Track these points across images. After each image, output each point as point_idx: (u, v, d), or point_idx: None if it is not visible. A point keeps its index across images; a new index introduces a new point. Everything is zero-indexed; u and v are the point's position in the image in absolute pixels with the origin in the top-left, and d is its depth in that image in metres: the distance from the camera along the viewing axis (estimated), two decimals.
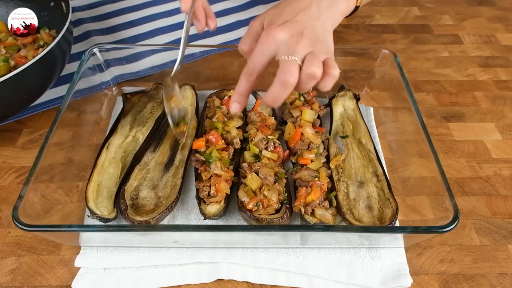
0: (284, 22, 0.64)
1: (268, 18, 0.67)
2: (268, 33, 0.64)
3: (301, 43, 0.62)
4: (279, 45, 0.63)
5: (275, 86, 0.61)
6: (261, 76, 0.66)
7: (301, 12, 0.66)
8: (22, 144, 0.86)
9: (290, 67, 0.61)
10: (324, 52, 0.63)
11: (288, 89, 0.61)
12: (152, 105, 0.89)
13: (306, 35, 0.63)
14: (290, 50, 0.62)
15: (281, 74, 0.61)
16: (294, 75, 0.61)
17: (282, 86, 0.61)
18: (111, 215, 0.69)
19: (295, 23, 0.64)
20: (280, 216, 0.68)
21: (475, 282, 0.67)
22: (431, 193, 0.73)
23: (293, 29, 0.64)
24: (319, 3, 0.68)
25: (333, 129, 0.85)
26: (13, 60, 0.88)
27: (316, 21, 0.66)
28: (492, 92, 0.98)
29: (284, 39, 0.63)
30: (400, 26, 1.17)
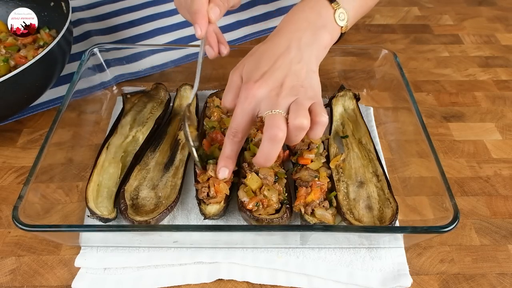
0: (262, 75, 0.62)
1: (245, 71, 0.64)
2: (246, 91, 0.61)
3: (281, 95, 0.60)
4: (259, 102, 0.61)
5: (265, 144, 0.60)
6: (246, 136, 0.64)
7: (279, 58, 0.63)
8: (22, 144, 0.86)
9: (276, 121, 0.59)
10: (309, 97, 0.61)
11: (279, 144, 0.59)
12: (152, 105, 0.89)
13: (287, 84, 0.61)
14: (272, 105, 0.60)
15: (268, 130, 0.59)
16: (282, 129, 0.58)
17: (272, 142, 0.59)
18: (111, 215, 0.69)
19: (273, 73, 0.62)
20: (280, 216, 0.68)
21: (475, 282, 0.67)
22: (431, 193, 0.73)
23: (272, 81, 0.61)
24: (298, 42, 0.65)
25: (333, 129, 0.85)
26: (13, 60, 0.88)
27: (297, 65, 0.63)
28: (492, 92, 0.98)
29: (264, 95, 0.61)
30: (400, 26, 1.17)
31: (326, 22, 0.68)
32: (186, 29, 1.09)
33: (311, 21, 0.68)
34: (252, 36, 1.10)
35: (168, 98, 0.90)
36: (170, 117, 0.87)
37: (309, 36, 0.66)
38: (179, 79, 0.95)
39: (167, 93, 0.91)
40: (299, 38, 0.65)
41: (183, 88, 0.91)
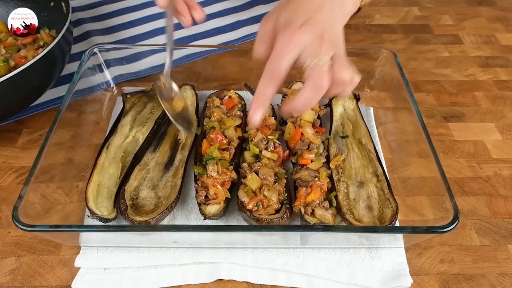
0: (304, 22, 0.61)
1: (283, 18, 0.63)
2: (290, 35, 0.61)
3: (324, 45, 0.60)
4: (302, 48, 0.60)
5: (308, 90, 0.60)
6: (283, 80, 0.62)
7: (315, 13, 0.63)
8: (22, 144, 0.86)
9: (322, 72, 0.59)
10: (343, 55, 0.62)
11: (321, 94, 0.60)
12: (152, 105, 0.89)
13: (327, 37, 0.61)
14: (316, 53, 0.60)
15: (314, 79, 0.59)
16: (327, 80, 0.59)
17: (316, 90, 0.60)
18: (111, 215, 0.69)
19: (313, 25, 0.62)
20: (280, 216, 0.68)
21: (475, 282, 0.67)
22: (431, 193, 0.73)
23: (313, 30, 0.61)
24: (331, 3, 0.65)
25: (333, 129, 0.85)
26: (13, 60, 0.88)
27: (332, 23, 0.63)
28: (492, 92, 0.98)
29: (307, 41, 0.60)
30: (400, 26, 1.17)
31: None
32: (186, 29, 1.09)
33: None
34: (252, 36, 1.10)
35: None
36: None
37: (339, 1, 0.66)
38: (179, 79, 0.95)
39: None
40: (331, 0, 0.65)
41: (183, 88, 0.91)
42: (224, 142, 0.77)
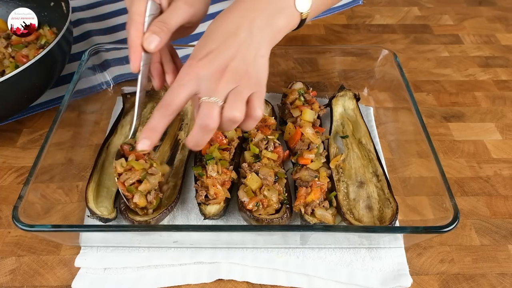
0: (208, 53, 0.59)
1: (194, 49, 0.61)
2: (189, 68, 0.59)
3: (223, 80, 0.58)
4: (199, 82, 0.59)
5: (196, 130, 0.59)
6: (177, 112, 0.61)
7: (229, 38, 0.60)
8: (22, 144, 0.86)
9: (210, 111, 0.58)
10: (251, 86, 0.59)
11: (209, 134, 0.59)
12: (152, 105, 0.89)
13: (231, 69, 0.59)
14: (211, 90, 0.58)
15: (201, 118, 0.58)
16: (214, 119, 0.58)
17: (203, 131, 0.59)
18: (111, 215, 0.69)
19: (220, 54, 0.59)
20: (280, 216, 0.68)
21: (475, 282, 0.67)
22: (431, 193, 0.73)
23: (216, 62, 0.59)
24: (251, 24, 0.61)
25: (333, 129, 0.85)
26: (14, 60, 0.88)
27: (246, 49, 0.60)
28: (492, 92, 0.98)
29: (205, 76, 0.59)
30: (400, 26, 1.17)
31: (284, 6, 0.63)
32: None
33: (267, 2, 0.63)
34: None
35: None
36: None
37: (263, 18, 0.61)
38: None
39: None
40: (252, 19, 0.61)
41: None
42: (224, 142, 0.77)
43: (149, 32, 0.66)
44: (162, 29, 0.66)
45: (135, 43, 0.66)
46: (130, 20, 0.66)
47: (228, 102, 0.58)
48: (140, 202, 0.67)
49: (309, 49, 1.04)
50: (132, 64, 0.67)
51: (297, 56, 0.98)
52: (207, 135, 0.60)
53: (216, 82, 0.59)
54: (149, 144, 0.63)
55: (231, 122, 0.59)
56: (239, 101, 0.59)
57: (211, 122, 0.58)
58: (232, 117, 0.58)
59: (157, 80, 0.72)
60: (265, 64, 0.62)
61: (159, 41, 0.66)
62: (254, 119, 0.61)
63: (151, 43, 0.65)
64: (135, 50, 0.66)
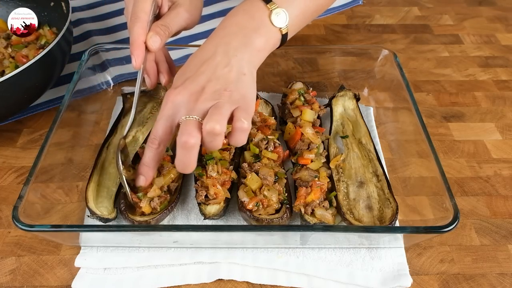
0: (184, 81, 0.60)
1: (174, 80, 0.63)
2: (166, 97, 0.60)
3: (200, 100, 0.58)
4: (177, 109, 0.59)
5: (178, 151, 0.59)
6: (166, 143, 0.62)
7: (204, 63, 0.61)
8: (22, 144, 0.86)
9: (187, 127, 0.57)
10: (232, 101, 0.59)
11: (192, 151, 0.58)
12: (152, 105, 0.89)
13: (208, 89, 0.59)
14: (189, 110, 0.59)
15: (180, 137, 0.58)
16: (193, 135, 0.57)
17: (184, 149, 0.58)
18: (111, 215, 0.69)
19: (195, 79, 0.60)
20: (280, 216, 0.68)
21: (475, 282, 0.67)
22: (431, 193, 0.73)
23: (192, 86, 0.59)
24: (226, 47, 0.62)
25: (333, 129, 0.85)
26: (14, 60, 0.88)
27: (223, 69, 0.60)
28: (492, 92, 0.98)
29: (182, 101, 0.59)
30: (400, 26, 1.17)
31: (259, 25, 0.65)
32: None
33: (242, 24, 0.64)
34: None
35: None
36: None
37: (238, 41, 0.63)
38: None
39: None
40: (227, 43, 0.62)
41: None
42: (224, 142, 0.77)
43: (153, 32, 0.68)
44: (164, 32, 0.69)
45: (139, 40, 0.67)
46: (135, 18, 0.68)
47: (207, 116, 0.58)
48: (146, 209, 0.68)
49: (309, 49, 1.04)
50: (135, 60, 0.68)
51: (297, 56, 0.98)
52: (190, 153, 0.59)
53: (193, 103, 0.59)
54: (145, 181, 0.66)
55: (211, 135, 0.57)
56: (218, 114, 0.57)
57: (190, 138, 0.57)
58: (211, 129, 0.57)
59: (152, 78, 0.75)
60: (249, 82, 0.62)
61: (160, 42, 0.69)
62: (240, 131, 0.59)
63: (155, 43, 0.68)
64: (138, 47, 0.68)
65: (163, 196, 0.70)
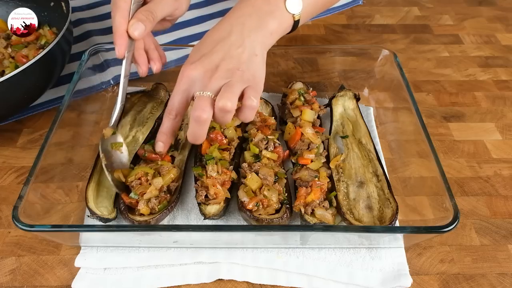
0: (200, 57, 0.63)
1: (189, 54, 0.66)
2: (182, 72, 0.63)
3: (214, 76, 0.61)
4: (193, 83, 0.62)
5: (191, 124, 0.62)
6: (182, 114, 0.66)
7: (220, 42, 0.64)
8: (22, 144, 0.86)
9: (201, 103, 0.61)
10: (243, 80, 0.61)
11: (204, 125, 0.61)
12: (152, 105, 0.89)
13: (222, 67, 0.62)
14: (203, 86, 0.61)
15: (194, 111, 0.61)
16: (206, 111, 0.60)
17: (197, 123, 0.61)
18: (111, 215, 0.69)
19: (211, 56, 0.63)
20: (280, 216, 0.68)
21: (475, 282, 0.67)
22: (431, 193, 0.73)
23: (207, 63, 0.62)
24: (242, 27, 0.64)
25: (333, 129, 0.85)
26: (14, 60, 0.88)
27: (237, 49, 0.63)
28: (492, 92, 0.98)
29: (197, 76, 0.62)
30: (400, 26, 1.17)
31: (274, 9, 0.67)
32: (186, 29, 1.09)
33: (257, 7, 0.67)
34: None
35: (168, 98, 0.90)
36: None
37: (253, 22, 0.65)
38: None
39: (167, 93, 0.91)
40: (243, 23, 0.65)
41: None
42: (224, 142, 0.77)
43: (135, 19, 0.70)
44: (147, 18, 0.70)
45: (120, 29, 0.69)
46: (116, 7, 0.70)
47: (220, 93, 0.61)
48: (144, 210, 0.68)
49: (309, 49, 1.04)
50: (117, 50, 0.70)
51: (297, 56, 0.98)
52: (202, 127, 0.62)
53: (208, 79, 0.62)
54: (163, 146, 0.70)
55: (223, 112, 0.61)
56: (230, 92, 0.60)
57: (203, 113, 0.60)
58: (223, 106, 0.60)
59: (143, 66, 0.77)
60: (260, 63, 0.65)
61: (143, 29, 0.70)
62: (250, 108, 0.62)
63: (136, 30, 0.69)
64: (120, 36, 0.69)
65: (163, 196, 0.70)
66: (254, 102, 0.62)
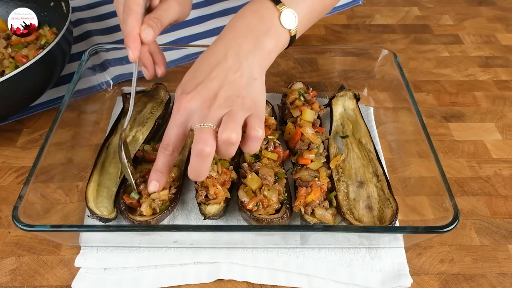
0: (196, 85, 0.60)
1: (182, 84, 0.62)
2: (178, 103, 0.60)
3: (213, 106, 0.58)
4: (191, 115, 0.59)
5: (193, 159, 0.58)
6: (179, 149, 0.62)
7: (216, 67, 0.60)
8: (22, 144, 0.86)
9: (203, 136, 0.57)
10: (246, 108, 0.58)
11: (207, 160, 0.58)
12: (152, 105, 0.89)
13: (221, 95, 0.58)
14: (203, 117, 0.58)
15: (195, 145, 0.57)
16: (209, 144, 0.57)
17: (199, 157, 0.57)
18: (111, 215, 0.69)
19: (207, 84, 0.59)
20: (280, 216, 0.68)
21: (475, 282, 0.67)
22: (431, 193, 0.73)
23: (205, 92, 0.59)
24: (237, 50, 0.61)
25: (333, 129, 0.85)
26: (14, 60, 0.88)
27: (234, 74, 0.60)
28: (492, 92, 0.98)
29: (195, 107, 0.59)
30: (400, 26, 1.17)
31: (269, 27, 0.64)
32: (186, 29, 1.09)
33: (252, 26, 0.64)
34: None
35: (168, 98, 0.90)
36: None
37: (249, 43, 0.62)
38: (179, 79, 0.95)
39: (167, 93, 0.91)
40: (238, 46, 0.62)
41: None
42: None
43: (146, 24, 0.69)
44: (157, 25, 0.70)
45: (134, 33, 0.68)
46: (129, 10, 0.69)
47: (222, 124, 0.57)
48: (146, 211, 0.68)
49: (309, 49, 1.04)
50: (132, 53, 0.68)
51: (297, 56, 0.98)
52: (205, 162, 0.58)
53: (207, 110, 0.58)
54: (158, 186, 0.65)
55: (227, 144, 0.57)
56: (233, 122, 0.57)
57: (206, 146, 0.57)
58: (227, 138, 0.56)
59: (150, 69, 0.77)
60: (260, 87, 0.62)
61: (153, 35, 0.70)
62: (255, 139, 0.59)
63: (148, 35, 0.69)
64: (134, 40, 0.68)
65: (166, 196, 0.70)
66: (260, 133, 0.58)
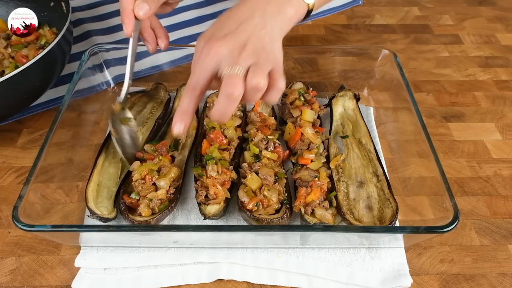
0: (225, 35, 0.62)
1: (209, 33, 0.64)
2: (209, 48, 0.62)
3: (243, 54, 0.61)
4: (220, 60, 0.61)
5: (221, 100, 0.60)
6: (204, 92, 0.64)
7: (243, 23, 0.63)
8: (22, 144, 0.86)
9: (233, 80, 0.59)
10: (270, 62, 0.62)
11: (234, 102, 0.60)
12: (152, 105, 0.89)
13: (249, 47, 0.61)
14: (232, 63, 0.60)
15: (226, 87, 0.59)
16: (238, 88, 0.59)
17: (228, 99, 0.60)
18: (111, 215, 0.69)
19: (237, 35, 0.62)
20: (280, 216, 0.68)
21: (475, 282, 0.67)
22: (431, 193, 0.73)
23: (234, 41, 0.62)
24: (263, 11, 0.65)
25: (333, 129, 0.85)
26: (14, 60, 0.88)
27: (260, 31, 0.63)
28: (492, 92, 0.98)
29: (226, 53, 0.61)
30: (400, 26, 1.17)
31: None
32: (186, 29, 1.09)
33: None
34: None
35: (168, 98, 0.90)
36: (170, 117, 0.87)
37: (273, 7, 0.66)
38: (179, 79, 0.95)
39: (167, 93, 0.91)
40: (264, 8, 0.65)
41: (183, 88, 0.91)
42: (224, 142, 0.77)
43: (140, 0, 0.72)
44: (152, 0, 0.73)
45: (128, 9, 0.72)
46: None
47: (251, 71, 0.60)
48: (145, 212, 0.68)
49: (309, 49, 1.04)
50: (125, 28, 0.72)
51: (297, 56, 0.98)
52: (232, 104, 0.60)
53: (237, 56, 0.61)
54: (183, 127, 0.64)
55: (255, 90, 0.60)
56: (261, 71, 0.60)
57: (235, 90, 0.59)
58: (256, 84, 0.59)
59: (152, 43, 0.79)
60: (279, 48, 0.65)
61: (148, 9, 0.72)
62: (278, 90, 0.62)
63: (141, 10, 0.72)
64: (128, 16, 0.72)
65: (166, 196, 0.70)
66: (282, 84, 0.62)
